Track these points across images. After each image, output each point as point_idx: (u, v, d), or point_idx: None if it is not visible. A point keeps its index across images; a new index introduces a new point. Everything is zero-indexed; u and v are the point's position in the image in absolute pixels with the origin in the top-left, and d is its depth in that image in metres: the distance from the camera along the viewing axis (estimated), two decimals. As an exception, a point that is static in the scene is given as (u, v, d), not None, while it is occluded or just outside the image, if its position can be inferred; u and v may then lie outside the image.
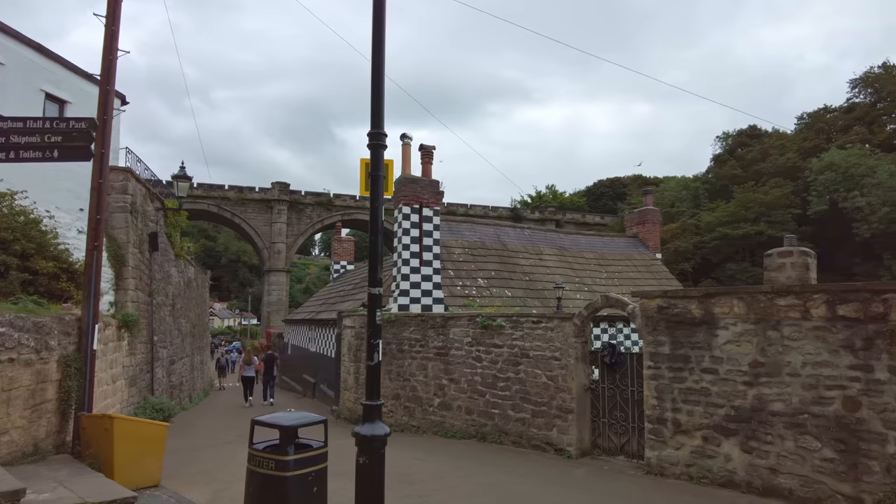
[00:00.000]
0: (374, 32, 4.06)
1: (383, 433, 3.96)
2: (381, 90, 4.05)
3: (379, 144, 4.07)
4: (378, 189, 4.01)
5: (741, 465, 7.05)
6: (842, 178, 45.95)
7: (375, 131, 4.09)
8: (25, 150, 3.93)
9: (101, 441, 6.83)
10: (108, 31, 8.38)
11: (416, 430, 11.40)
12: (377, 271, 4.11)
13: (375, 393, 4.02)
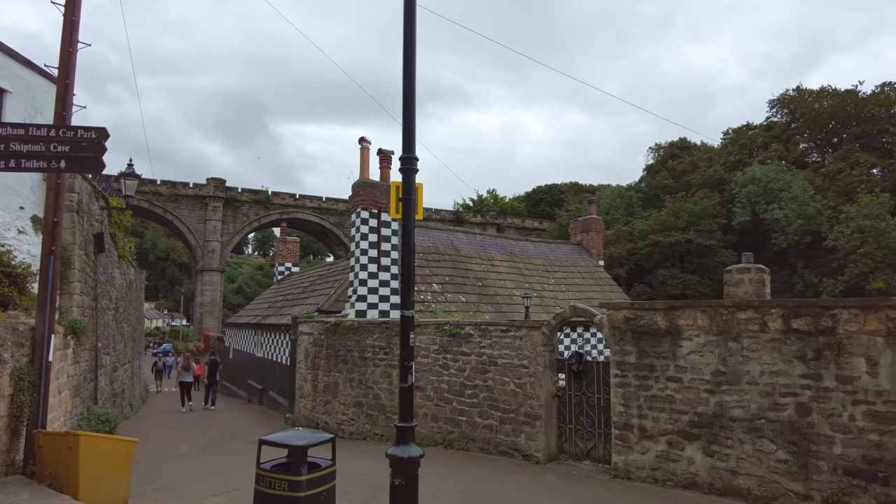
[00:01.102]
0: (406, 60, 4.06)
1: (418, 455, 3.98)
2: (413, 115, 4.06)
3: (411, 168, 4.08)
4: (410, 213, 4.02)
5: (703, 467, 7.51)
6: (762, 192, 49.22)
7: (407, 156, 4.10)
8: (28, 160, 3.67)
9: (63, 460, 6.43)
10: (67, 21, 7.89)
11: (380, 438, 11.36)
12: (411, 294, 4.12)
13: (409, 415, 4.04)
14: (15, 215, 10.53)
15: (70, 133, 3.68)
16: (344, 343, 12.50)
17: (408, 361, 4.08)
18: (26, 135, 3.69)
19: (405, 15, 4.08)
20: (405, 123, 4.06)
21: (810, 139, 59.92)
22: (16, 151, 3.68)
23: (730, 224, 53.13)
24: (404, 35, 4.04)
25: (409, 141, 4.08)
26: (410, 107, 4.06)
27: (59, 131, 3.69)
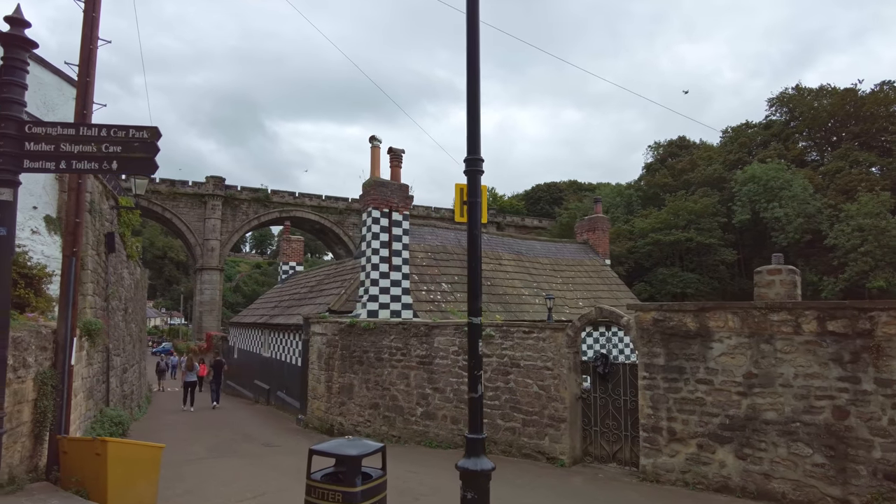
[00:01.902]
0: (469, 63, 3.92)
1: (490, 468, 3.87)
2: (478, 117, 3.92)
3: (476, 170, 3.95)
4: (476, 216, 3.89)
5: (735, 471, 7.43)
6: (762, 190, 49.27)
7: (473, 157, 3.97)
8: (79, 161, 3.52)
9: (90, 467, 6.29)
10: (87, 18, 7.74)
11: (398, 440, 11.25)
12: (478, 299, 4.00)
13: (479, 426, 3.91)
14: (28, 215, 10.35)
15: (121, 133, 3.54)
16: (359, 344, 12.37)
17: (477, 370, 3.95)
18: (77, 135, 3.55)
19: (468, 19, 3.95)
20: (469, 124, 3.93)
21: (809, 138, 60.06)
22: (67, 152, 3.54)
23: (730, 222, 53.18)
24: (468, 39, 3.91)
25: (473, 141, 3.94)
26: (475, 107, 3.92)
27: (111, 131, 3.55)
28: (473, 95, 3.94)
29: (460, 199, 3.99)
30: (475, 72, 3.97)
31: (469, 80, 3.97)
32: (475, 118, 3.95)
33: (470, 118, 3.95)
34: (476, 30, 3.98)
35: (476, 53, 3.97)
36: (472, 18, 3.98)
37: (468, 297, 4.08)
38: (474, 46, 3.96)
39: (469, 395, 3.99)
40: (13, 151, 3.49)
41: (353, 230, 59.71)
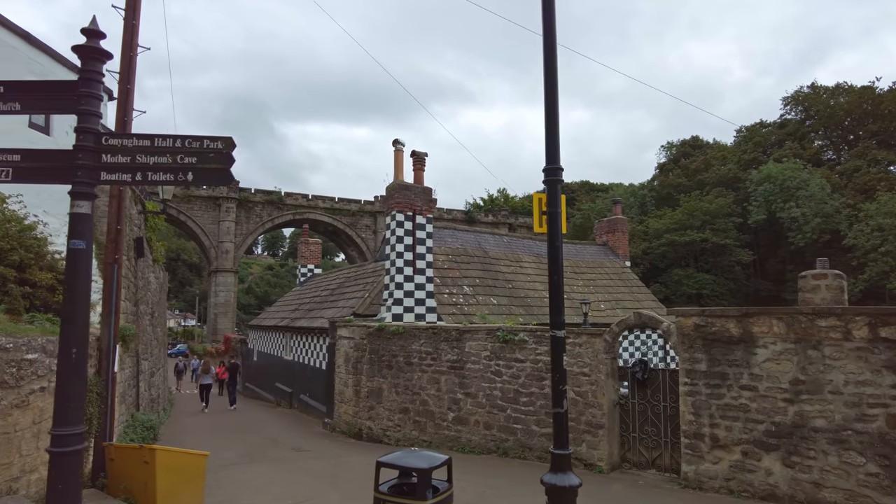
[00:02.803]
0: (546, 72, 3.87)
1: (577, 483, 3.80)
2: (556, 128, 3.87)
3: (556, 180, 3.90)
4: (556, 227, 3.83)
5: (783, 479, 7.30)
6: (778, 190, 48.84)
7: (552, 166, 3.92)
8: (154, 172, 3.50)
9: (138, 475, 6.29)
10: (127, 26, 7.78)
11: (429, 445, 11.19)
12: (561, 312, 3.94)
13: (565, 440, 3.85)
14: (63, 221, 10.36)
15: (196, 143, 3.51)
16: (388, 348, 12.33)
17: (562, 385, 3.88)
18: (152, 146, 3.52)
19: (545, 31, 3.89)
20: (548, 135, 3.87)
21: (825, 137, 59.45)
22: (142, 164, 3.52)
23: (745, 223, 52.77)
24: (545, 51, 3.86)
25: (553, 151, 3.89)
26: (553, 118, 3.87)
27: (185, 142, 3.53)
28: (552, 107, 3.88)
29: (539, 209, 3.92)
30: (553, 84, 3.90)
31: (547, 92, 3.90)
32: (554, 129, 3.89)
33: (548, 129, 3.89)
34: (553, 42, 3.92)
35: (553, 65, 3.89)
36: (549, 33, 3.92)
37: (550, 311, 4.02)
38: (551, 57, 3.88)
39: (554, 410, 3.92)
40: (91, 164, 3.47)
41: (365, 232, 59.80)
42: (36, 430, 5.81)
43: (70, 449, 3.27)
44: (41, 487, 5.96)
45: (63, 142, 10.66)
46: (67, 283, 3.36)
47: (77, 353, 3.31)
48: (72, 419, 3.29)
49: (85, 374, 3.49)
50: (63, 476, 3.23)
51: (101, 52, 3.45)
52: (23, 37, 9.92)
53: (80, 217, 3.37)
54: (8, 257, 7.92)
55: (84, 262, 3.37)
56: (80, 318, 3.34)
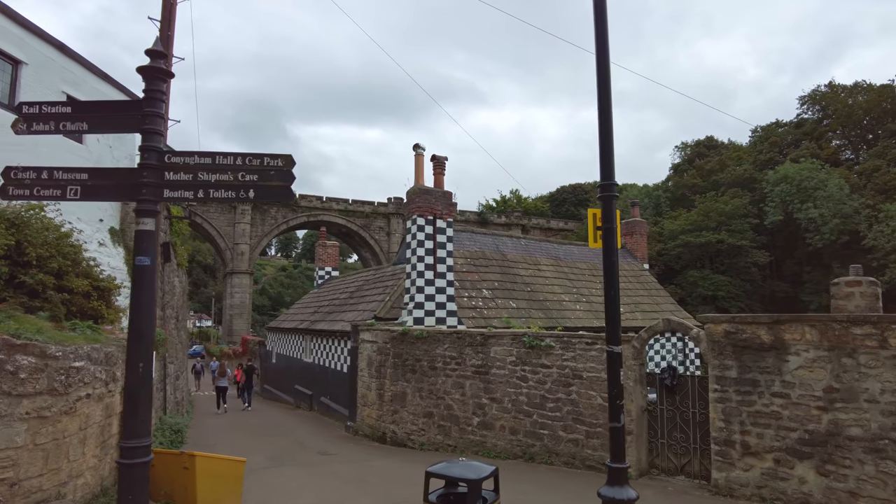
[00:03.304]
0: (600, 91, 3.91)
1: (634, 497, 3.84)
2: (611, 146, 3.90)
3: (611, 196, 3.94)
4: (612, 242, 3.87)
5: (817, 487, 7.27)
6: (796, 191, 48.31)
7: (607, 182, 3.96)
8: (216, 189, 3.58)
9: (179, 480, 6.40)
10: (163, 36, 7.92)
11: (453, 450, 11.24)
12: (618, 327, 3.97)
13: (622, 454, 3.88)
14: (95, 227, 10.59)
15: (256, 161, 3.59)
16: (412, 352, 12.40)
17: (619, 400, 3.91)
18: (213, 164, 3.60)
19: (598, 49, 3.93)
20: (602, 153, 3.91)
21: (844, 136, 58.75)
22: (204, 181, 3.60)
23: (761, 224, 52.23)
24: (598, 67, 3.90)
25: (607, 168, 3.92)
26: (607, 135, 3.90)
27: (246, 160, 3.60)
28: (605, 124, 3.91)
29: (594, 224, 3.96)
30: (606, 101, 3.94)
31: (600, 110, 3.93)
32: (608, 146, 3.92)
33: (602, 146, 3.93)
34: (606, 59, 3.95)
35: (607, 83, 3.92)
36: (602, 51, 3.96)
37: (606, 324, 4.05)
38: (605, 75, 3.92)
39: (611, 425, 3.95)
40: (155, 182, 3.56)
41: (378, 234, 60.01)
42: (82, 437, 5.94)
43: (139, 461, 3.35)
44: (87, 492, 6.09)
45: (95, 149, 10.86)
46: (134, 299, 3.45)
47: (144, 368, 3.40)
48: (140, 431, 3.38)
49: (151, 387, 3.58)
50: (132, 487, 3.31)
51: (164, 71, 3.54)
52: (58, 47, 10.11)
53: (145, 234, 3.46)
54: (47, 265, 8.07)
55: (149, 279, 3.45)
56: (146, 333, 3.42)
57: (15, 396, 5.11)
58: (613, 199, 3.99)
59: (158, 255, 12.60)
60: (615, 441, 3.98)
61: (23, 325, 5.60)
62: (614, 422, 3.96)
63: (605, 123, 3.94)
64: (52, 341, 5.53)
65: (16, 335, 5.21)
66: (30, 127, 3.56)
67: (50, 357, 5.44)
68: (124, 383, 3.48)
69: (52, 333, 5.92)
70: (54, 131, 3.57)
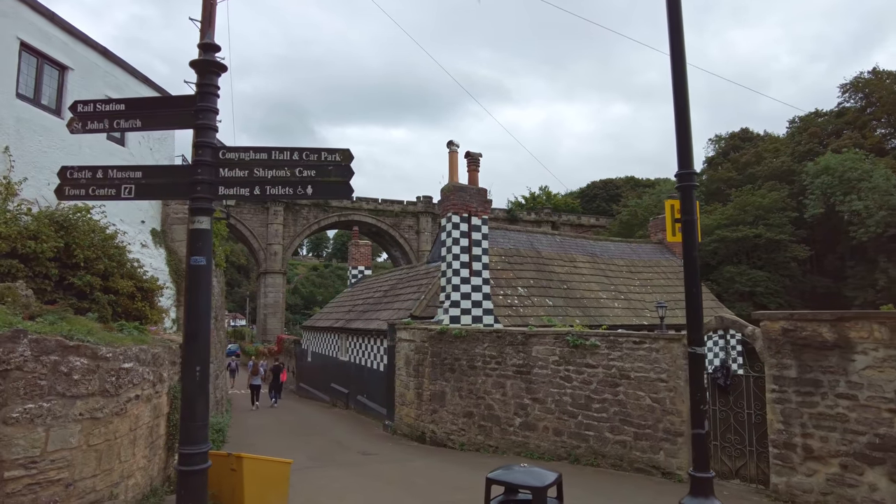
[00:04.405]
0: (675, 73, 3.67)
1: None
2: (688, 129, 3.67)
3: (690, 185, 3.71)
4: (692, 235, 3.64)
5: (890, 495, 6.85)
6: (838, 182, 46.66)
7: (685, 171, 3.72)
8: (273, 186, 3.47)
9: (226, 482, 6.36)
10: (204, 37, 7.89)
11: (495, 451, 11.06)
12: (700, 328, 3.75)
13: (706, 463, 3.66)
14: (138, 229, 10.71)
15: (314, 156, 3.46)
16: (450, 351, 12.25)
17: (703, 405, 3.68)
18: (269, 159, 3.49)
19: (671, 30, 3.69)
20: (679, 137, 3.67)
21: (889, 124, 56.53)
22: (260, 178, 3.49)
23: (801, 217, 50.61)
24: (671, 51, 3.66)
25: (685, 155, 3.69)
26: (685, 119, 3.66)
27: (303, 154, 3.48)
28: (683, 108, 3.67)
29: (671, 216, 3.73)
30: (682, 83, 3.69)
31: (676, 93, 3.69)
32: (685, 131, 3.67)
33: (679, 131, 3.68)
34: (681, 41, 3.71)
35: (682, 66, 3.67)
36: (676, 31, 3.72)
37: (688, 324, 3.82)
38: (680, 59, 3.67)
39: (695, 431, 3.71)
40: (209, 179, 3.46)
41: (408, 232, 60.12)
42: (132, 437, 5.94)
43: (197, 468, 3.25)
44: (137, 493, 6.10)
45: (136, 151, 10.99)
46: (189, 300, 3.35)
47: (201, 371, 3.30)
48: (198, 437, 3.28)
49: (208, 391, 3.48)
50: (191, 494, 3.22)
51: (217, 65, 3.43)
52: (101, 52, 10.25)
53: (200, 233, 3.36)
54: (94, 266, 8.17)
55: (205, 279, 3.36)
56: (202, 334, 3.33)
57: (69, 398, 5.12)
58: (693, 188, 3.73)
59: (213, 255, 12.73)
60: (699, 449, 3.73)
61: (74, 326, 5.62)
62: (698, 428, 3.71)
63: (682, 109, 3.68)
64: (102, 342, 5.53)
65: (69, 336, 5.22)
66: (85, 126, 3.50)
67: (101, 358, 5.44)
68: (181, 386, 3.37)
69: (102, 335, 5.93)
70: (109, 129, 3.51)
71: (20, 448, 4.76)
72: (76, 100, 3.56)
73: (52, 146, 9.14)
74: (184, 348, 3.35)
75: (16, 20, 8.78)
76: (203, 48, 3.42)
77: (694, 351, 3.72)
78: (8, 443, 4.67)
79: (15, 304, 5.75)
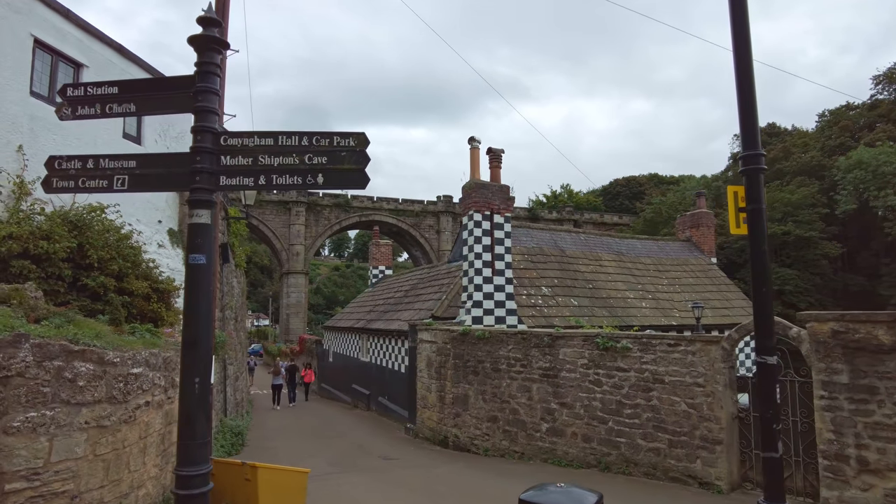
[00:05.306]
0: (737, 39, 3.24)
1: None
2: (754, 107, 3.22)
3: (757, 169, 3.26)
4: (760, 226, 3.19)
5: (956, 512, 6.28)
6: (871, 177, 45.11)
7: (754, 152, 3.27)
8: (279, 175, 3.13)
9: (241, 492, 6.06)
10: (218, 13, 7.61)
11: (520, 457, 10.63)
12: (771, 335, 3.31)
13: (779, 492, 3.21)
14: (154, 229, 10.52)
15: (325, 141, 3.11)
16: (473, 353, 11.85)
17: (777, 424, 3.23)
18: (276, 145, 3.14)
19: None
20: (744, 114, 3.22)
21: (925, 117, 54.46)
22: (266, 166, 3.15)
23: (832, 213, 49.10)
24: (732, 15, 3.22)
25: (750, 134, 3.24)
26: (749, 94, 3.21)
27: (313, 139, 3.13)
28: (747, 83, 3.21)
29: (735, 205, 3.28)
30: (745, 52, 3.24)
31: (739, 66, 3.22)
32: (750, 107, 3.21)
33: (743, 107, 3.22)
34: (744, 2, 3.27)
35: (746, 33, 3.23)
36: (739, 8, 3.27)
37: (756, 329, 3.38)
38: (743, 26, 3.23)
39: (766, 454, 3.26)
40: (210, 168, 3.12)
41: (428, 232, 59.87)
42: (142, 446, 5.68)
43: (197, 491, 2.92)
44: (148, 503, 5.83)
45: (153, 150, 10.80)
46: (188, 304, 3.02)
47: (201, 384, 2.95)
48: (197, 457, 2.94)
49: (209, 405, 3.15)
50: (191, 520, 2.88)
51: (219, 41, 3.10)
52: (117, 50, 10.08)
53: (200, 228, 3.02)
54: (108, 267, 7.95)
55: (205, 280, 3.02)
56: (203, 342, 2.99)
57: (74, 405, 4.86)
58: (761, 171, 3.27)
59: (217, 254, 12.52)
60: (772, 475, 3.28)
61: (82, 329, 5.37)
62: (770, 451, 3.26)
63: (747, 88, 3.20)
64: (109, 347, 5.27)
65: (74, 341, 4.96)
66: (75, 111, 3.19)
67: (108, 363, 5.18)
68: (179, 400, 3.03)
69: (111, 338, 5.67)
70: (101, 115, 3.20)
71: (22, 459, 4.51)
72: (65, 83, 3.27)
73: (66, 145, 8.97)
74: (182, 357, 3.02)
75: (29, 17, 8.63)
76: (202, 23, 3.08)
77: (764, 361, 3.26)
78: (9, 453, 4.42)
79: (21, 307, 5.51)
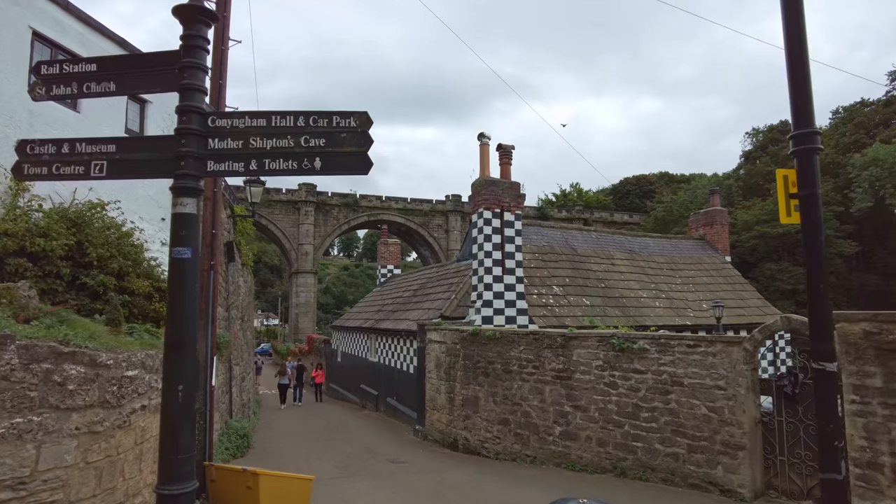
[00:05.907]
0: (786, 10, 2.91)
1: None
2: (807, 79, 2.87)
3: (812, 149, 2.92)
4: (815, 215, 2.85)
5: None
6: (888, 175, 44.35)
7: (808, 131, 2.92)
8: (273, 160, 2.85)
9: (243, 499, 5.81)
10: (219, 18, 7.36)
11: (532, 461, 10.31)
12: (830, 338, 2.98)
13: None
14: (158, 227, 10.30)
15: (323, 121, 2.82)
16: (484, 354, 11.53)
17: (839, 440, 2.90)
18: (269, 126, 2.86)
19: None
20: (795, 87, 2.88)
21: (943, 113, 53.50)
22: (258, 149, 2.86)
23: (846, 211, 48.32)
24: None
25: (802, 111, 2.90)
26: (802, 65, 2.86)
27: (310, 120, 2.85)
28: (799, 52, 2.86)
29: (785, 191, 2.95)
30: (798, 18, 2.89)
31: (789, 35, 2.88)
32: (803, 79, 2.85)
33: (794, 79, 2.87)
34: None
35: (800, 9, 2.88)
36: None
37: (811, 330, 3.05)
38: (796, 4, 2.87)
39: (825, 476, 2.92)
40: (197, 152, 2.84)
41: (437, 231, 59.63)
42: (138, 452, 5.42)
43: (181, 512, 2.62)
44: (144, 512, 5.57)
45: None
46: (172, 302, 2.74)
47: (184, 391, 2.67)
48: (182, 473, 2.65)
49: (194, 416, 2.87)
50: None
51: (205, 11, 2.81)
52: (118, 43, 9.87)
53: (184, 218, 2.74)
54: (108, 265, 7.73)
55: (190, 276, 2.74)
56: (187, 344, 2.70)
57: (63, 410, 4.60)
58: (816, 151, 2.92)
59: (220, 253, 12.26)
60: (833, 500, 2.94)
61: (75, 329, 5.12)
62: (832, 472, 2.91)
63: (797, 52, 2.85)
64: (103, 348, 5.01)
65: (64, 342, 4.70)
66: (49, 91, 2.93)
67: (101, 366, 4.92)
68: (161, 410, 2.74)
69: (106, 339, 5.42)
70: (77, 95, 2.93)
71: (7, 468, 4.26)
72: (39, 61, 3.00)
73: (66, 140, 8.74)
74: (165, 361, 2.74)
75: (28, 8, 8.42)
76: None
77: (822, 367, 2.92)
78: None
79: (11, 306, 5.26)
